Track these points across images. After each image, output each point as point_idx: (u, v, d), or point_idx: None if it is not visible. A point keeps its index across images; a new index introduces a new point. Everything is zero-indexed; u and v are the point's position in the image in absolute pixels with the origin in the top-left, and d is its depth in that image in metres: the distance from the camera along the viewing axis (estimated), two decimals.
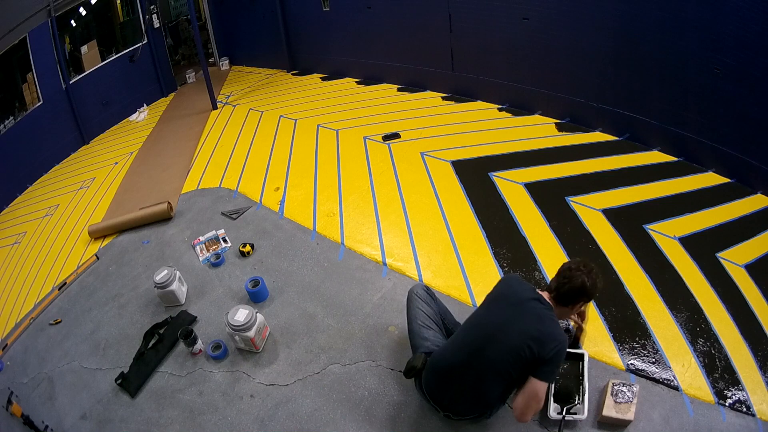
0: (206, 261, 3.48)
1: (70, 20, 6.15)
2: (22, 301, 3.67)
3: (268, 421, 2.39)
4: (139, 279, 3.46)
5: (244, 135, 5.33)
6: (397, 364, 2.51)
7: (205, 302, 3.15)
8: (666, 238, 3.03)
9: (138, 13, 6.72)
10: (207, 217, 3.98)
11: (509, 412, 2.16)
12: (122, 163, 5.45)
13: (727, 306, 2.55)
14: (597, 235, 3.12)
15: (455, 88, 5.28)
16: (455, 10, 4.79)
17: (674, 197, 3.36)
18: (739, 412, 2.09)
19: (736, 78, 3.19)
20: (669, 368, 2.30)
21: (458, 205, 3.59)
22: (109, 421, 2.56)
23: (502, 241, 3.20)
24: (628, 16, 3.65)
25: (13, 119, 5.54)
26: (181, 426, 2.46)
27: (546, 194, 3.55)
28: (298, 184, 4.20)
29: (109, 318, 3.19)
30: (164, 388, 2.66)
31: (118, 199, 4.66)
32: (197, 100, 6.66)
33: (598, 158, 3.87)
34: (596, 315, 2.61)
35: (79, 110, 6.21)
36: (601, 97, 4.13)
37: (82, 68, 6.28)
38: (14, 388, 2.87)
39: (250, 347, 2.69)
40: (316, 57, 6.73)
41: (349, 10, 5.87)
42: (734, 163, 3.39)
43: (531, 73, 4.56)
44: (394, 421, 2.28)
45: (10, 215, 5.26)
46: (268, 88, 6.73)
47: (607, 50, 3.91)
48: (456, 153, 4.20)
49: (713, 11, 3.15)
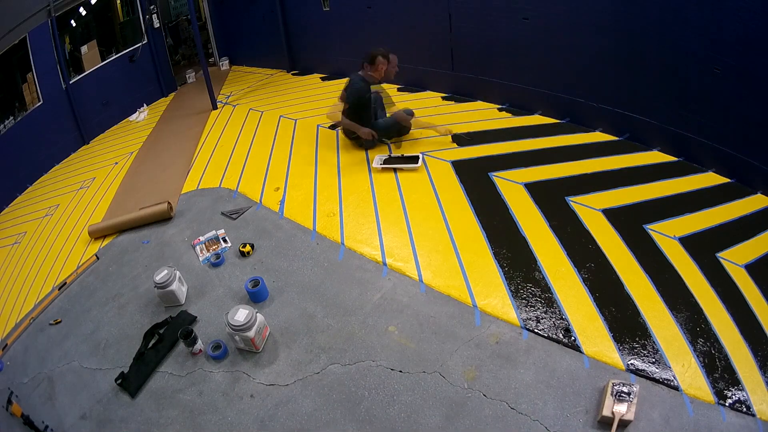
0: (206, 261, 3.48)
1: (70, 20, 6.15)
2: (22, 301, 3.67)
3: (268, 421, 2.39)
4: (139, 279, 3.46)
5: (244, 135, 5.34)
6: (397, 364, 2.51)
7: (205, 302, 3.15)
8: (666, 238, 3.03)
9: (138, 13, 6.72)
10: (207, 217, 3.98)
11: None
12: (122, 163, 5.45)
13: (727, 306, 2.55)
14: (597, 235, 3.12)
15: (455, 88, 5.28)
16: (455, 10, 4.80)
17: (674, 197, 3.36)
18: (739, 412, 2.09)
19: (736, 78, 3.19)
20: (669, 368, 2.30)
21: (458, 205, 3.59)
22: (109, 421, 2.56)
23: (502, 241, 3.20)
24: (628, 16, 3.66)
25: (13, 119, 5.54)
26: (181, 426, 2.46)
27: (546, 194, 3.55)
28: (298, 184, 4.20)
29: (109, 318, 3.19)
30: (164, 388, 2.66)
31: (118, 199, 4.66)
32: (197, 100, 6.66)
33: (598, 158, 3.87)
34: (596, 315, 2.61)
35: (79, 110, 6.21)
36: (601, 97, 4.13)
37: (82, 68, 6.28)
38: (14, 388, 2.87)
39: (250, 347, 2.69)
40: (316, 57, 6.73)
41: (349, 10, 5.87)
42: (734, 163, 3.39)
43: (531, 73, 4.57)
44: (394, 421, 2.28)
45: (10, 215, 5.27)
46: (268, 88, 6.73)
47: (607, 50, 3.91)
48: (456, 153, 4.21)
49: (713, 11, 3.15)
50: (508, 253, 3.11)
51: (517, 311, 2.69)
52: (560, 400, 2.23)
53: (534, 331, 2.57)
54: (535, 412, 2.20)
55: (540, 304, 2.72)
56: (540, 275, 2.90)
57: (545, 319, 2.62)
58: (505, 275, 2.94)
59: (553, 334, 2.53)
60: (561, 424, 2.14)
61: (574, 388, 2.27)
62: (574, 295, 2.74)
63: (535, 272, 2.93)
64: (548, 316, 2.64)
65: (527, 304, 2.73)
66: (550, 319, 2.62)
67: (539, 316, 2.64)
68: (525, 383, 2.33)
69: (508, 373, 2.38)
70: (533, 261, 3.01)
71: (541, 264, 2.98)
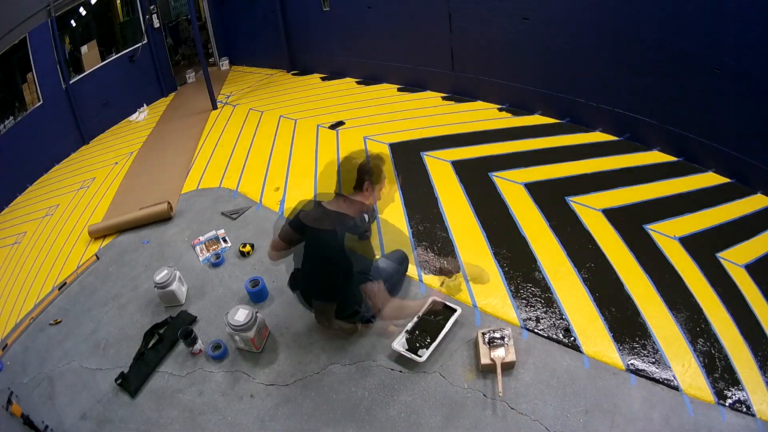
0: (206, 261, 3.48)
1: (70, 20, 6.15)
2: (22, 301, 3.67)
3: (268, 421, 2.39)
4: (139, 279, 3.46)
5: (244, 135, 5.33)
6: (397, 365, 2.51)
7: (205, 302, 3.15)
8: (666, 238, 3.03)
9: (138, 13, 6.72)
10: (207, 217, 3.98)
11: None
12: (122, 163, 5.45)
13: (727, 306, 2.55)
14: (597, 235, 3.12)
15: (455, 88, 5.28)
16: (455, 10, 4.80)
17: (674, 197, 3.36)
18: (739, 412, 2.09)
19: (736, 78, 3.19)
20: (669, 368, 2.30)
21: (458, 205, 3.59)
22: (109, 421, 2.55)
23: (502, 241, 3.20)
24: (628, 16, 3.65)
25: (13, 119, 5.54)
26: (181, 426, 2.46)
27: (546, 194, 3.55)
28: (298, 184, 4.20)
29: (109, 318, 3.19)
30: (164, 388, 2.66)
31: (118, 199, 4.66)
32: (197, 100, 6.66)
33: (598, 158, 3.87)
34: (596, 315, 2.61)
35: (79, 110, 6.21)
36: (601, 97, 4.13)
37: (82, 68, 6.28)
38: (14, 388, 2.87)
39: (250, 347, 2.69)
40: (316, 57, 6.73)
41: (349, 10, 5.87)
42: (734, 163, 3.39)
43: (531, 73, 4.57)
44: (394, 421, 2.28)
45: (10, 215, 5.27)
46: (268, 88, 6.73)
47: (607, 50, 3.91)
48: (456, 153, 4.20)
49: (713, 11, 3.15)
50: (508, 253, 3.10)
51: (517, 311, 2.69)
52: (560, 400, 2.23)
53: (534, 331, 2.57)
54: (535, 412, 2.20)
55: (540, 304, 2.72)
56: (540, 275, 2.90)
57: (545, 319, 2.62)
58: (505, 275, 2.94)
59: (553, 334, 2.53)
60: (561, 424, 2.14)
61: (574, 388, 2.27)
62: (574, 295, 2.74)
63: (535, 272, 2.93)
64: (548, 316, 2.64)
65: (527, 304, 2.73)
66: (550, 319, 2.62)
67: (539, 316, 2.64)
68: (525, 383, 2.32)
69: (508, 373, 2.38)
70: (533, 261, 3.01)
71: (541, 264, 2.98)
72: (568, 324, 2.57)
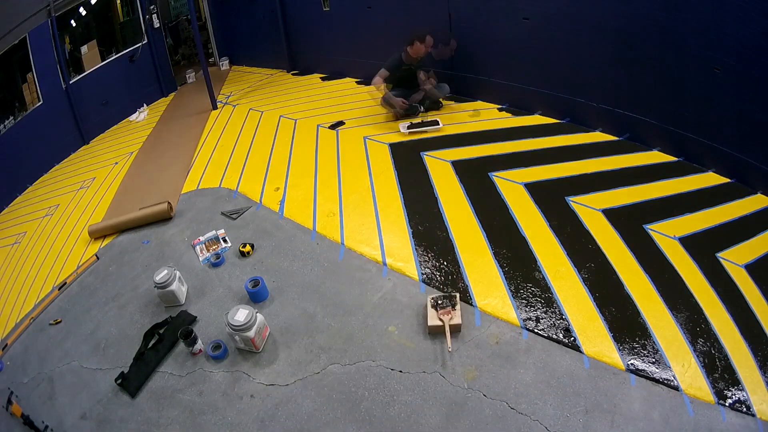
0: (206, 261, 3.48)
1: (70, 20, 6.15)
2: (22, 301, 3.67)
3: (268, 421, 2.39)
4: (139, 279, 3.46)
5: (244, 135, 5.33)
6: (397, 364, 2.52)
7: (205, 302, 3.15)
8: (666, 238, 3.03)
9: (138, 13, 6.72)
10: (207, 217, 3.98)
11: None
12: (122, 163, 5.45)
13: (727, 306, 2.55)
14: (597, 235, 3.12)
15: (455, 88, 5.27)
16: (455, 10, 4.80)
17: (674, 197, 3.36)
18: (739, 412, 2.09)
19: (736, 78, 3.19)
20: (669, 368, 2.30)
21: (458, 205, 3.59)
22: (109, 421, 2.56)
23: (502, 241, 3.20)
24: (628, 16, 3.65)
25: (13, 119, 5.54)
26: (181, 426, 2.46)
27: (546, 194, 3.55)
28: (298, 184, 4.20)
29: (109, 318, 3.19)
30: (164, 388, 2.66)
31: (118, 199, 4.66)
32: (197, 100, 6.66)
33: (598, 158, 3.87)
34: (596, 315, 2.61)
35: (79, 110, 6.21)
36: (601, 97, 4.12)
37: (82, 68, 6.28)
38: (14, 388, 2.87)
39: (250, 347, 2.69)
40: (316, 57, 6.73)
41: (349, 10, 5.87)
42: (734, 163, 3.39)
43: (531, 73, 4.56)
44: (394, 421, 2.28)
45: (10, 215, 5.27)
46: (268, 88, 6.73)
47: (607, 50, 3.91)
48: (456, 153, 4.21)
49: (713, 11, 3.15)
50: (508, 253, 3.10)
51: (517, 311, 2.69)
52: (560, 400, 2.23)
53: (534, 331, 2.57)
54: (535, 412, 2.20)
55: (540, 304, 2.72)
56: (540, 275, 2.90)
57: (545, 319, 2.62)
58: (505, 275, 2.94)
59: (553, 334, 2.53)
60: (561, 424, 2.14)
61: (574, 388, 2.27)
62: (574, 295, 2.74)
63: (535, 272, 2.93)
64: (548, 316, 2.64)
65: (527, 304, 2.73)
66: (550, 319, 2.62)
67: (539, 316, 2.64)
68: (525, 383, 2.33)
69: (508, 373, 2.38)
70: (533, 261, 3.01)
71: (541, 264, 2.98)
72: (568, 324, 2.57)
